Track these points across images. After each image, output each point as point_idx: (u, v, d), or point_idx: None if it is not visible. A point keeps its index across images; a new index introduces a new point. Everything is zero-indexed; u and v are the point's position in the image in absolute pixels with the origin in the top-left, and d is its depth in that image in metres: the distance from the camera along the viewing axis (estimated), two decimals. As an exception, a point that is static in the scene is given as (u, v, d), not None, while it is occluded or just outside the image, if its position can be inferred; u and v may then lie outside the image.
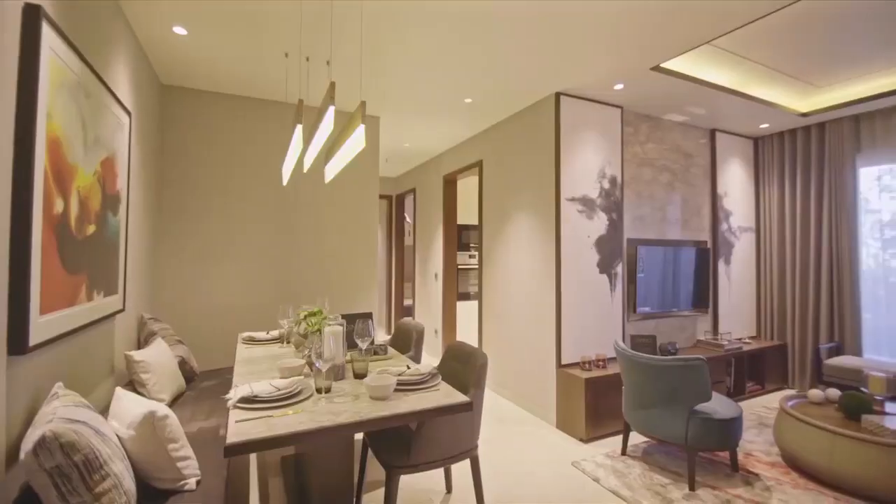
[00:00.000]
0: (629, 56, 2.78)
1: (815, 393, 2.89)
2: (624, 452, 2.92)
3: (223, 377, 2.99)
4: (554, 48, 2.68)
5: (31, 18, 1.36)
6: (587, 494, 2.44)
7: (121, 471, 1.37)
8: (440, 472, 2.66)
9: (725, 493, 2.43)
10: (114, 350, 2.36)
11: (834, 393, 2.87)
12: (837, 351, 3.94)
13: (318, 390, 1.76)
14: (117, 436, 1.50)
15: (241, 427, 1.44)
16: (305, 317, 2.58)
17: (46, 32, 1.42)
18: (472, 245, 5.97)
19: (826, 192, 4.16)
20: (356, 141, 2.01)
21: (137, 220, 2.70)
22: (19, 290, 1.34)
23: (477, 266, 5.93)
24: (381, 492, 2.47)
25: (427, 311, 5.88)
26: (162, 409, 1.56)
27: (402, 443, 1.98)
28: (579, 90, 3.35)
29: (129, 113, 2.33)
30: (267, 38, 2.55)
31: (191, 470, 1.61)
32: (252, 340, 2.77)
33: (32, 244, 1.37)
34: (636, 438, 3.17)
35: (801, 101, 3.83)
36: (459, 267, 5.68)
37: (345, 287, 3.85)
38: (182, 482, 1.58)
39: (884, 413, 2.56)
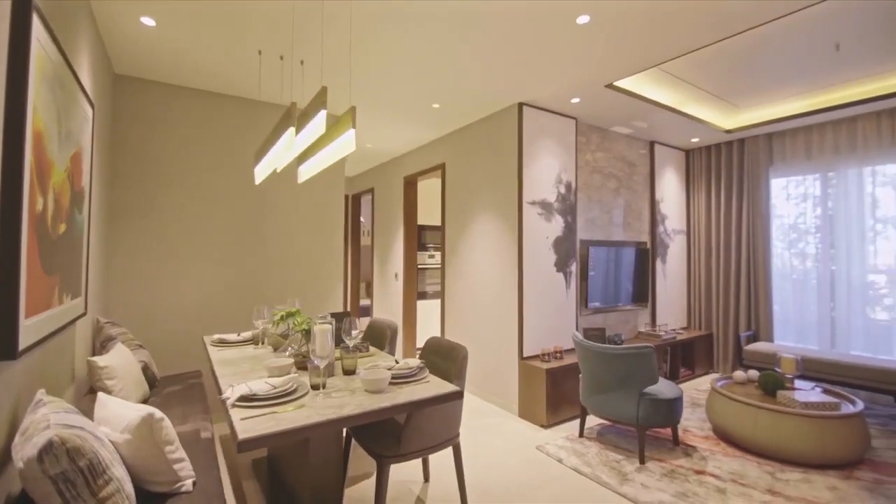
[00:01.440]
0: (587, 74, 3.05)
1: (739, 374, 3.33)
2: (581, 434, 3.20)
3: (187, 382, 2.89)
4: (521, 63, 2.88)
5: (23, 6, 1.31)
6: (553, 474, 2.66)
7: (122, 475, 1.36)
8: (418, 463, 2.77)
9: (670, 464, 2.76)
10: (75, 356, 2.23)
11: (754, 374, 3.33)
12: (754, 338, 4.53)
13: (314, 387, 1.81)
14: (110, 441, 1.47)
15: (247, 424, 1.47)
16: (283, 317, 2.58)
17: (35, 22, 1.37)
18: (429, 245, 6.09)
19: (745, 200, 4.77)
20: (344, 144, 2.07)
21: (94, 217, 2.54)
22: (10, 291, 1.29)
23: (436, 266, 6.08)
24: (361, 485, 2.54)
25: (388, 310, 5.92)
26: (157, 411, 1.55)
27: (391, 434, 2.07)
28: (540, 102, 3.59)
29: (92, 105, 2.21)
30: (240, 34, 2.51)
31: (186, 472, 1.61)
32: (223, 343, 2.71)
33: (22, 244, 1.32)
34: (591, 421, 3.47)
35: (726, 119, 4.37)
36: (418, 266, 5.78)
37: (312, 287, 3.82)
38: (179, 484, 1.57)
39: (794, 389, 3.03)
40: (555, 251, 3.82)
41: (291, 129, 1.90)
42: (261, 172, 2.62)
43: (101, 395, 1.70)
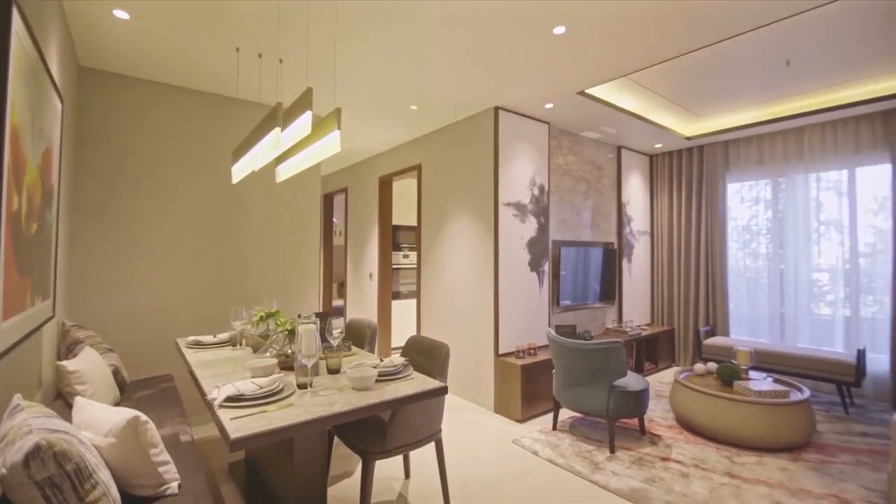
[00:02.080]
0: (561, 81, 3.18)
1: (699, 367, 3.55)
2: (555, 428, 3.32)
3: (158, 386, 2.81)
4: (498, 69, 2.97)
5: (3, 1, 1.27)
6: (530, 466, 2.77)
7: (107, 479, 1.34)
8: (398, 460, 2.81)
9: (638, 453, 2.92)
10: (42, 360, 2.14)
11: (712, 366, 3.56)
12: (712, 333, 4.82)
13: (301, 386, 1.82)
14: (93, 445, 1.44)
15: (238, 423, 1.47)
16: (262, 318, 2.57)
17: (15, 16, 1.33)
18: (403, 245, 6.11)
19: (703, 203, 5.06)
20: (328, 145, 2.09)
21: (61, 216, 2.44)
22: (-11, 293, 1.25)
23: (409, 266, 6.11)
24: (342, 484, 2.55)
25: (362, 311, 5.90)
26: (141, 414, 1.53)
27: (376, 431, 2.11)
28: (515, 106, 3.70)
29: (62, 99, 2.13)
30: (218, 30, 2.48)
31: (172, 474, 1.59)
32: (199, 345, 2.66)
33: (0, 244, 1.28)
34: (563, 415, 3.61)
35: (687, 126, 4.63)
36: (393, 267, 5.79)
37: (287, 288, 3.78)
38: (164, 487, 1.56)
39: (748, 379, 3.26)
40: (529, 251, 3.94)
41: (277, 130, 1.90)
42: (239, 172, 2.59)
43: (78, 399, 1.66)
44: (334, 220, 7.27)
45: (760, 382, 3.17)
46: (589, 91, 3.41)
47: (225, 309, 3.46)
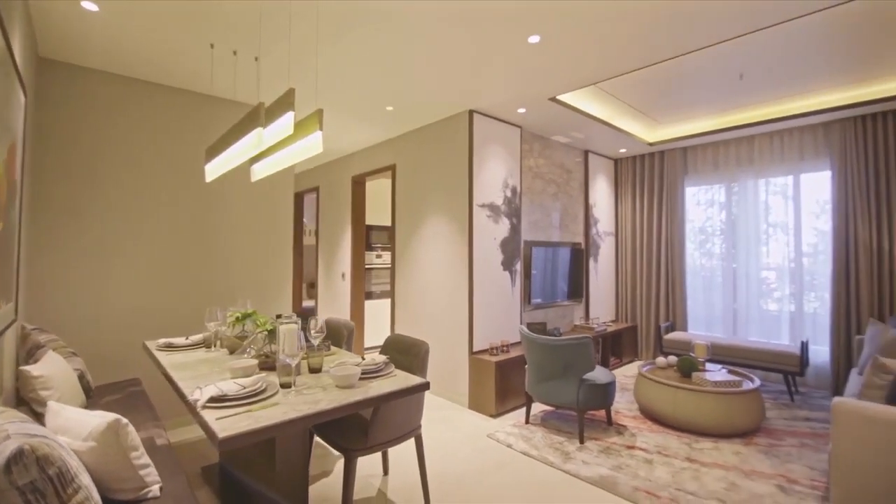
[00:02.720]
0: (534, 87, 3.30)
1: (661, 360, 3.76)
2: (527, 421, 3.44)
3: (126, 390, 2.73)
4: (475, 74, 3.05)
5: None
6: (505, 459, 2.86)
7: (89, 483, 1.32)
8: (377, 458, 2.84)
9: (605, 442, 3.07)
10: (2, 366, 2.04)
11: (673, 359, 3.77)
12: (672, 328, 5.09)
13: (284, 385, 1.83)
14: (72, 450, 1.41)
15: (224, 423, 1.48)
16: (238, 319, 2.54)
17: (-12, 9, 1.28)
18: (376, 245, 6.11)
19: (663, 205, 5.33)
20: (309, 146, 2.10)
21: (23, 214, 2.33)
22: (-38, 295, 1.20)
23: (382, 265, 6.12)
24: (320, 484, 2.56)
25: (334, 311, 5.86)
26: (121, 417, 1.50)
27: (358, 428, 2.14)
28: (489, 110, 3.80)
29: (25, 92, 2.04)
30: (192, 26, 2.43)
31: (153, 477, 1.57)
32: (171, 347, 2.59)
33: (-26, 244, 1.24)
34: (535, 409, 3.74)
35: (649, 133, 4.87)
36: (366, 266, 5.78)
37: (260, 288, 3.73)
38: (146, 490, 1.54)
39: (705, 370, 3.48)
40: (502, 251, 4.05)
41: (259, 130, 1.90)
42: (214, 170, 2.55)
43: (52, 403, 1.61)
44: (304, 219, 7.16)
45: (716, 373, 3.40)
46: (560, 97, 3.55)
47: (196, 310, 3.38)
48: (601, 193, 5.58)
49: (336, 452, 2.96)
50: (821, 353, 4.28)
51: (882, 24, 2.58)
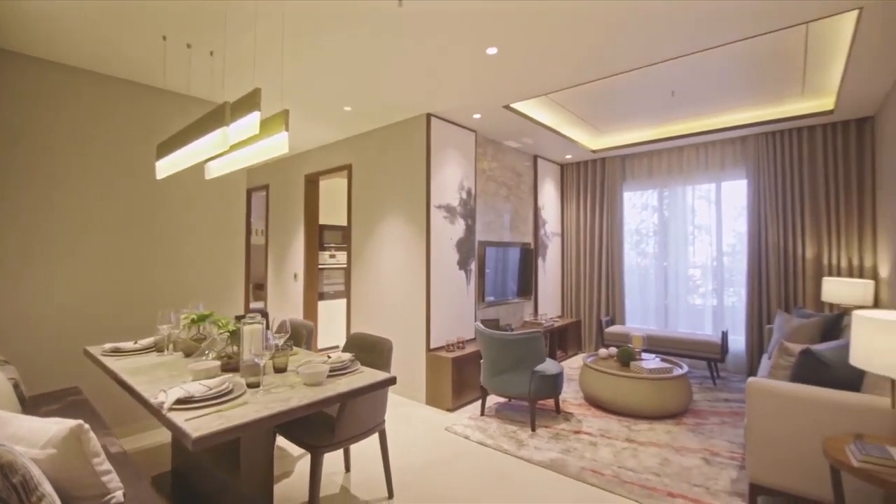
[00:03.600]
0: (490, 95, 3.46)
1: (603, 351, 4.07)
2: (482, 413, 3.61)
3: (65, 400, 2.57)
4: (434, 80, 3.16)
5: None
6: (463, 449, 3.00)
7: (51, 491, 1.29)
8: (338, 455, 2.87)
9: (555, 429, 3.30)
10: (-73, 376, 1.88)
11: (613, 350, 4.09)
12: (612, 322, 5.49)
13: (251, 385, 1.84)
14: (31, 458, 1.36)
15: (195, 423, 1.48)
16: (194, 321, 2.48)
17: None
18: (329, 245, 6.04)
19: (604, 208, 5.73)
20: (275, 145, 2.11)
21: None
22: None
23: (335, 266, 6.06)
24: (282, 484, 2.56)
25: (286, 313, 5.73)
26: (83, 422, 1.46)
27: (324, 425, 2.18)
28: (446, 114, 3.92)
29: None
30: (143, 15, 2.33)
31: (115, 483, 1.54)
32: (118, 352, 2.47)
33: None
34: (490, 401, 3.91)
35: (593, 141, 5.22)
36: (319, 267, 5.71)
37: (210, 290, 3.60)
38: (109, 496, 1.51)
39: (642, 359, 3.82)
40: (458, 251, 4.19)
41: (225, 130, 1.89)
42: (167, 168, 2.46)
43: (1, 412, 1.52)
44: (251, 218, 6.92)
45: (650, 362, 3.74)
46: (513, 105, 3.74)
47: (142, 313, 3.22)
48: (549, 196, 5.89)
49: (294, 453, 2.96)
50: (738, 341, 4.82)
51: (783, 56, 2.99)
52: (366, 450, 2.97)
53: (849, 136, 4.11)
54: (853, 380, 2.21)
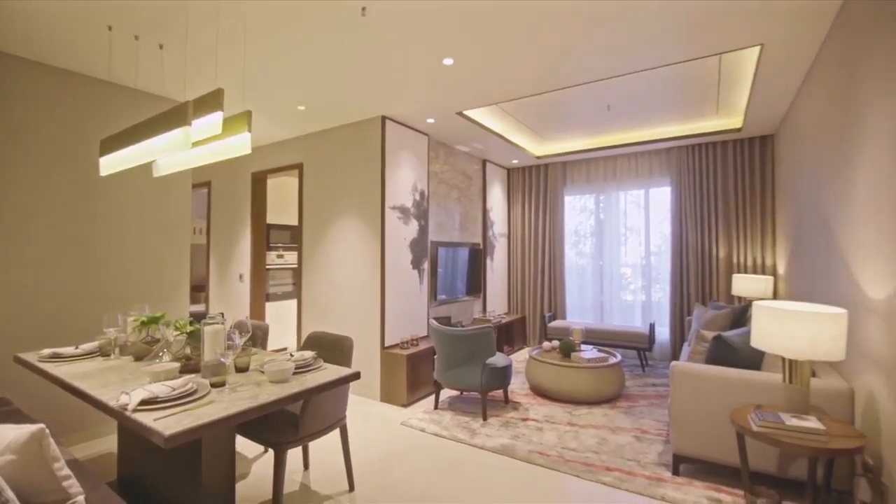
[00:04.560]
0: (444, 102, 3.62)
1: (546, 345, 4.37)
2: (436, 407, 3.76)
3: (-6, 410, 2.38)
4: (389, 85, 3.26)
5: None
6: (419, 441, 3.13)
7: (14, 497, 1.27)
8: (297, 453, 2.88)
9: (504, 417, 3.53)
10: None
11: (556, 343, 4.42)
12: (554, 317, 5.87)
13: (216, 385, 1.85)
14: (-15, 466, 1.32)
15: (164, 422, 1.49)
16: (144, 323, 2.42)
17: None
18: (277, 244, 5.91)
19: (547, 211, 6.10)
20: (237, 145, 2.12)
21: None
22: None
23: (284, 266, 5.95)
24: (240, 486, 2.55)
25: (232, 314, 5.52)
26: (44, 426, 1.43)
27: (286, 422, 2.22)
28: (401, 118, 4.03)
29: None
30: (86, 2, 2.23)
31: (76, 488, 1.51)
32: (58, 358, 2.34)
33: None
34: (443, 395, 4.07)
35: (537, 147, 5.55)
36: (266, 267, 5.58)
37: (153, 291, 3.44)
38: (70, 502, 1.48)
39: (581, 350, 4.16)
40: (411, 251, 4.31)
41: (186, 129, 1.88)
42: (114, 164, 2.37)
43: (-57, 422, 1.44)
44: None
45: (589, 353, 4.09)
46: (466, 112, 3.93)
47: (81, 317, 3.03)
48: (496, 199, 6.17)
49: (250, 455, 2.94)
50: (664, 332, 5.35)
51: (702, 81, 3.41)
52: (324, 446, 3.01)
53: (754, 151, 4.72)
54: (755, 360, 2.60)
